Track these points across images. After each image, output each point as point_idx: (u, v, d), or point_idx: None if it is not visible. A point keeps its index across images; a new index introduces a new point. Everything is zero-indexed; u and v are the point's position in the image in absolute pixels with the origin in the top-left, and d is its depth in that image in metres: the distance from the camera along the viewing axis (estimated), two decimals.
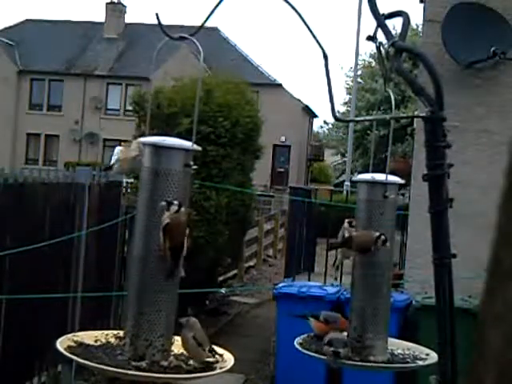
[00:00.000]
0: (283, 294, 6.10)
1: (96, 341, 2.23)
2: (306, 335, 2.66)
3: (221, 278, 11.18)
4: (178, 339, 2.18)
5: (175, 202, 2.07)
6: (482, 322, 0.80)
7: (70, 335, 2.24)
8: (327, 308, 2.84)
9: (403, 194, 7.62)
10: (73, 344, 2.16)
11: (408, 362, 2.54)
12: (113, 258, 6.83)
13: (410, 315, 5.74)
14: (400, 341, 2.71)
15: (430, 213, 2.26)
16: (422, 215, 5.75)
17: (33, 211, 5.58)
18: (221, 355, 2.17)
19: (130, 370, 2.03)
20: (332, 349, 2.42)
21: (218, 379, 2.33)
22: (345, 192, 17.04)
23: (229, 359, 2.17)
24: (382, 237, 2.46)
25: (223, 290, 10.54)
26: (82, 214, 6.16)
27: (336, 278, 2.92)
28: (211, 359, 2.13)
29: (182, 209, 2.09)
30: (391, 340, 2.62)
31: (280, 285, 6.55)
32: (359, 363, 2.50)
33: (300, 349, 2.53)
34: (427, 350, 2.55)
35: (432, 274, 2.26)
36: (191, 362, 2.14)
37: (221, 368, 2.12)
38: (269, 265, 15.59)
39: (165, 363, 2.08)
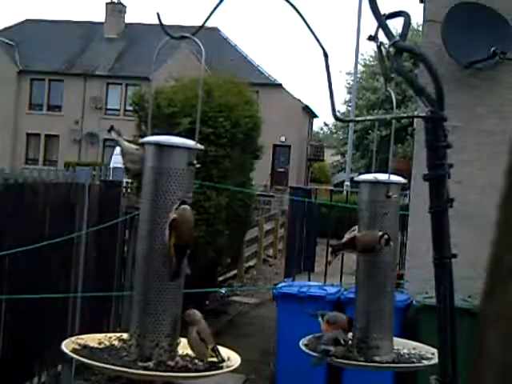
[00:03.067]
0: (283, 294, 6.10)
1: (100, 343, 2.22)
2: (311, 336, 2.65)
3: (221, 278, 11.17)
4: (182, 340, 2.18)
5: (186, 201, 2.08)
6: (482, 322, 0.80)
7: (73, 338, 2.24)
8: (327, 308, 2.85)
9: (406, 195, 7.62)
10: (77, 347, 2.16)
11: (414, 362, 2.54)
12: (113, 258, 6.83)
13: (411, 315, 5.74)
14: (406, 340, 2.71)
15: (431, 213, 2.26)
16: (422, 215, 5.76)
17: (33, 211, 5.57)
18: (224, 359, 2.15)
19: (137, 369, 2.03)
20: (322, 347, 2.42)
21: (217, 379, 2.33)
22: (345, 192, 17.04)
23: (235, 359, 2.17)
24: (386, 236, 2.46)
25: (223, 290, 10.54)
26: (82, 214, 6.16)
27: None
28: (215, 359, 2.12)
29: (187, 206, 2.09)
30: (397, 340, 2.61)
31: (280, 285, 6.55)
32: (364, 363, 2.50)
33: (306, 350, 2.52)
34: (433, 350, 2.55)
35: (432, 274, 2.26)
36: (196, 361, 2.14)
37: (228, 367, 2.11)
38: (269, 265, 15.59)
39: (171, 363, 2.08)
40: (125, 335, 2.21)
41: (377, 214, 2.53)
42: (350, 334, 2.55)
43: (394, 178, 2.56)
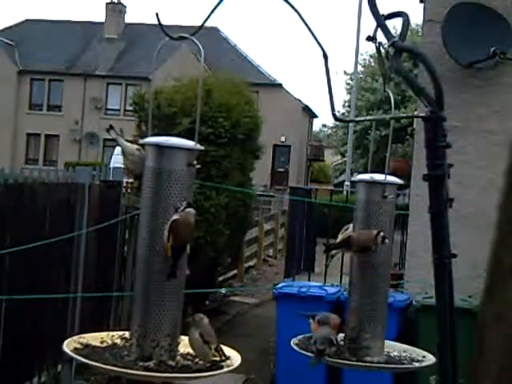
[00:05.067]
0: (283, 294, 6.10)
1: (102, 342, 2.22)
2: (302, 336, 2.66)
3: (221, 278, 11.17)
4: (184, 339, 2.17)
5: (184, 204, 2.08)
6: (482, 322, 0.80)
7: (75, 337, 2.24)
8: (327, 308, 2.84)
9: (404, 194, 7.63)
10: (79, 346, 2.16)
11: (404, 364, 2.54)
12: (113, 258, 6.83)
13: (410, 315, 5.74)
14: (396, 343, 2.71)
15: (430, 213, 2.26)
16: (421, 215, 5.77)
17: (33, 211, 5.57)
18: (227, 357, 2.15)
19: (137, 370, 2.02)
20: (316, 347, 2.43)
21: (217, 379, 2.33)
22: (345, 192, 17.04)
23: (235, 358, 2.17)
24: (381, 233, 2.46)
25: (223, 290, 10.54)
26: (82, 214, 6.16)
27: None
28: (217, 358, 2.12)
29: (192, 209, 2.09)
30: (387, 342, 2.61)
31: (280, 285, 6.55)
32: (355, 363, 2.50)
33: (297, 349, 2.53)
34: (423, 353, 2.55)
35: (432, 274, 2.26)
36: (198, 360, 2.13)
37: (228, 366, 2.11)
38: (269, 265, 15.59)
39: (172, 363, 2.07)
40: (127, 333, 2.21)
41: (372, 214, 2.53)
42: (341, 335, 2.55)
43: (390, 178, 2.56)
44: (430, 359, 2.45)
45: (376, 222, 2.52)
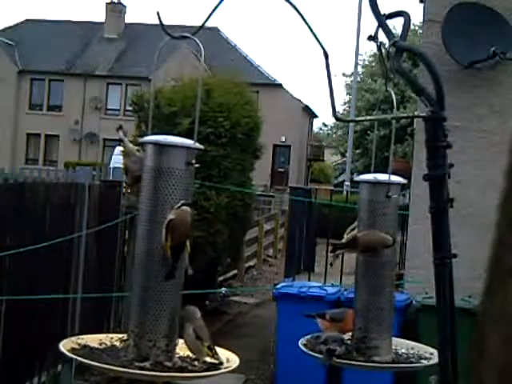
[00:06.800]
0: (283, 294, 6.10)
1: (100, 344, 2.21)
2: (309, 336, 2.65)
3: (221, 278, 11.17)
4: (182, 341, 2.16)
5: (180, 202, 2.07)
6: (482, 322, 0.80)
7: (73, 338, 2.23)
8: (327, 308, 2.84)
9: (404, 195, 7.64)
10: (76, 346, 2.15)
11: (412, 362, 2.54)
12: (113, 258, 6.83)
13: (410, 315, 5.74)
14: (404, 340, 2.71)
15: (431, 213, 2.26)
16: (422, 215, 5.77)
17: (33, 211, 5.57)
18: (220, 359, 2.14)
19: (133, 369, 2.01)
20: (326, 347, 2.42)
21: (217, 379, 2.32)
22: (345, 192, 17.05)
23: (233, 360, 2.16)
24: (392, 237, 2.48)
25: (223, 290, 10.54)
26: (82, 214, 6.16)
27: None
28: (215, 360, 2.11)
29: (187, 207, 2.08)
30: (395, 339, 2.62)
31: (280, 285, 6.55)
32: (363, 363, 2.50)
33: (305, 350, 2.52)
34: (431, 350, 2.55)
35: (432, 273, 2.26)
36: (196, 363, 2.13)
37: (225, 368, 2.10)
38: (269, 265, 15.59)
39: (169, 364, 2.06)
40: (126, 335, 2.20)
41: (376, 214, 2.54)
42: (348, 335, 2.55)
43: (394, 178, 2.57)
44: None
45: (380, 223, 2.52)
